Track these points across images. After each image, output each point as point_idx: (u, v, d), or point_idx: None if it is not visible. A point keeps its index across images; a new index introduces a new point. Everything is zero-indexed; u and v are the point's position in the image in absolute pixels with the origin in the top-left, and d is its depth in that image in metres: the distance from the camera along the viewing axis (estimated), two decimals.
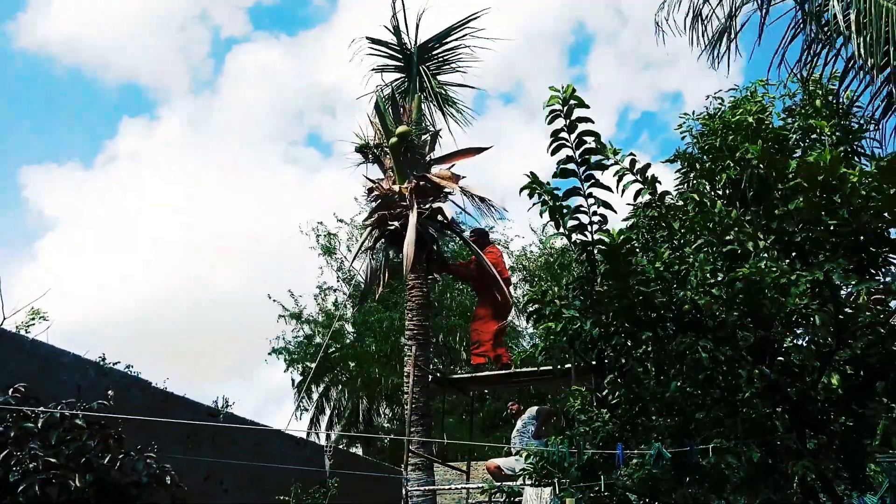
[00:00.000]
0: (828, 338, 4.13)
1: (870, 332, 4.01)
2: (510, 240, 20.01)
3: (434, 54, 10.47)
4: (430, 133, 10.06)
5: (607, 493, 4.48)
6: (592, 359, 5.09)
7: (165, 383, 8.08)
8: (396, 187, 9.35)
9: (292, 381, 19.80)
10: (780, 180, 4.35)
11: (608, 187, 4.30)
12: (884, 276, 4.18)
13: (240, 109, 40.20)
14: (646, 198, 4.59)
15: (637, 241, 4.84)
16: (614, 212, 4.30)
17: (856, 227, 3.93)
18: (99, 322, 30.29)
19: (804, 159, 4.05)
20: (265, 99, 39.88)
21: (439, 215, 9.28)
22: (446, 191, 9.47)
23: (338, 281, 20.18)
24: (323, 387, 20.05)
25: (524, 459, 5.36)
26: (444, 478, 12.31)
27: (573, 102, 4.11)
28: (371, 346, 18.12)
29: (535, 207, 4.34)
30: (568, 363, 6.12)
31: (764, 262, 3.84)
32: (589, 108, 4.12)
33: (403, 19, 10.12)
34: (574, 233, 4.35)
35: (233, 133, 40.10)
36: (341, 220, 19.97)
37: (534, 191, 4.30)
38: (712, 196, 4.60)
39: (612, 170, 4.42)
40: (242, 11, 44.01)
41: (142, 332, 29.20)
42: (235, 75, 40.64)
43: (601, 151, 4.21)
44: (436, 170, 9.76)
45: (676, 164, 5.34)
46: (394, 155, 9.46)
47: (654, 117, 43.82)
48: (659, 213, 4.66)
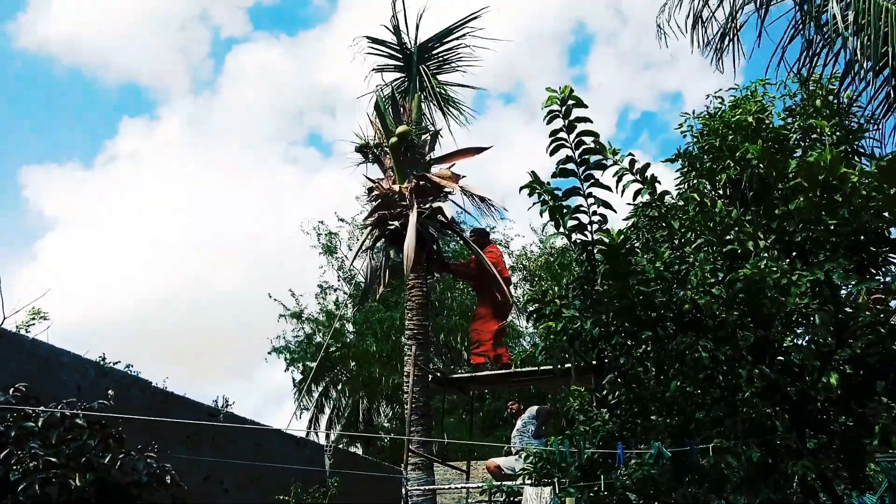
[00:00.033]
0: (828, 337, 4.13)
1: (870, 331, 4.01)
2: (510, 239, 20.02)
3: (434, 54, 10.46)
4: (430, 133, 10.05)
5: (607, 493, 4.48)
6: (592, 358, 5.10)
7: (165, 383, 8.10)
8: (396, 187, 9.35)
9: (293, 381, 19.81)
10: (780, 180, 4.35)
11: (608, 187, 4.29)
12: (884, 275, 4.19)
13: (240, 109, 40.23)
14: (645, 198, 4.58)
15: (637, 240, 4.85)
16: (614, 211, 4.30)
17: (856, 227, 3.93)
18: (99, 322, 30.32)
19: (804, 159, 4.05)
20: (265, 99, 39.92)
21: (439, 215, 9.28)
22: (446, 190, 9.47)
23: (338, 280, 20.19)
24: (323, 386, 20.03)
25: (524, 459, 5.36)
26: (444, 477, 12.30)
27: (571, 103, 4.10)
28: (372, 346, 18.11)
29: (535, 207, 4.34)
30: (568, 363, 6.12)
31: (764, 261, 3.83)
32: (587, 107, 4.11)
33: (403, 19, 10.13)
34: (574, 233, 4.35)
35: (233, 133, 40.14)
36: (342, 220, 19.98)
37: (534, 190, 4.30)
38: (713, 196, 4.60)
39: (612, 170, 4.41)
40: (242, 11, 44.04)
41: (142, 332, 29.22)
42: (235, 75, 40.68)
43: (600, 151, 4.20)
44: (436, 169, 9.76)
45: (677, 163, 5.34)
46: (394, 155, 9.46)
47: (654, 117, 43.85)
48: (659, 213, 4.66)
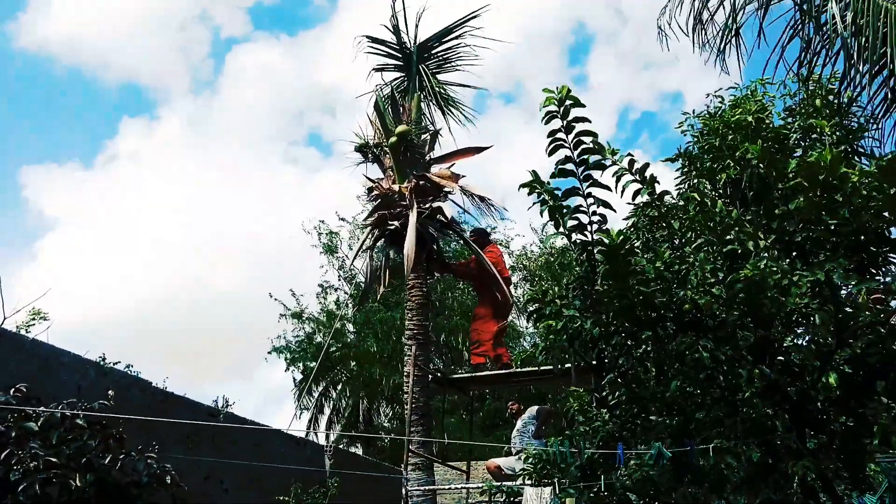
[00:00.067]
0: (828, 337, 4.13)
1: (870, 331, 4.00)
2: (510, 239, 20.02)
3: (434, 53, 10.46)
4: (429, 132, 10.05)
5: (607, 493, 4.48)
6: (592, 358, 5.10)
7: (165, 383, 8.09)
8: (396, 187, 9.35)
9: (293, 380, 19.79)
10: (780, 180, 4.35)
11: (607, 186, 4.28)
12: (884, 275, 4.18)
13: (240, 109, 40.24)
14: (644, 198, 4.58)
15: (638, 240, 4.85)
16: (614, 211, 4.29)
17: (856, 227, 3.93)
18: (99, 322, 30.33)
19: (804, 159, 4.04)
20: (265, 99, 39.93)
21: (439, 215, 9.28)
22: (446, 190, 9.47)
23: (339, 280, 20.17)
24: (323, 386, 20.01)
25: (524, 460, 5.36)
26: (444, 478, 12.30)
27: (569, 103, 4.09)
28: (372, 346, 18.10)
29: (535, 207, 4.33)
30: (568, 363, 6.12)
31: (764, 261, 3.83)
32: (585, 107, 4.10)
33: (403, 19, 10.13)
34: (574, 233, 4.35)
35: (233, 133, 40.15)
36: (343, 219, 19.96)
37: (533, 189, 4.29)
38: (713, 195, 4.60)
39: (612, 170, 4.40)
40: (242, 11, 44.06)
41: (142, 332, 29.23)
42: (235, 75, 40.69)
43: (599, 151, 4.19)
44: (435, 169, 9.76)
45: (677, 163, 5.34)
46: (393, 154, 9.45)
47: (654, 117, 43.86)
48: (659, 213, 4.65)
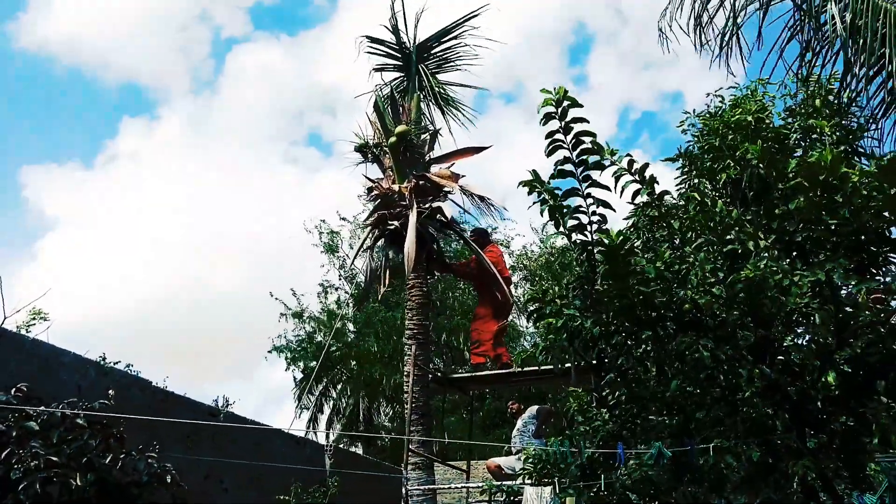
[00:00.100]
0: (828, 337, 4.13)
1: (870, 331, 4.01)
2: (511, 239, 20.03)
3: (433, 53, 10.46)
4: (429, 132, 10.05)
5: (607, 493, 4.48)
6: (592, 358, 5.10)
7: (165, 383, 8.10)
8: (396, 187, 9.35)
9: (294, 379, 19.78)
10: (780, 180, 4.35)
11: (606, 187, 4.27)
12: (884, 275, 4.18)
13: (240, 109, 40.24)
14: (644, 198, 4.58)
15: (638, 240, 4.85)
16: (613, 210, 4.29)
17: (856, 227, 3.93)
18: (99, 322, 30.34)
19: (804, 159, 4.04)
20: (265, 99, 39.93)
21: (439, 215, 9.28)
22: (446, 190, 9.47)
23: (340, 279, 20.17)
24: (322, 386, 20.01)
25: (524, 459, 5.36)
26: (445, 477, 12.30)
27: (567, 104, 4.09)
28: (373, 346, 18.09)
29: (535, 206, 4.33)
30: (568, 363, 6.12)
31: (765, 261, 3.83)
32: (582, 107, 4.09)
33: (402, 19, 10.13)
34: (574, 232, 4.35)
35: (233, 133, 40.15)
36: (344, 219, 19.96)
37: (533, 188, 4.29)
38: (713, 195, 4.60)
39: (611, 170, 4.40)
40: (243, 11, 44.06)
41: (142, 332, 29.24)
42: (236, 75, 40.70)
43: (598, 152, 4.18)
44: (435, 169, 9.76)
45: (677, 162, 5.34)
46: (393, 154, 9.45)
47: (654, 117, 43.87)
48: (659, 213, 4.65)
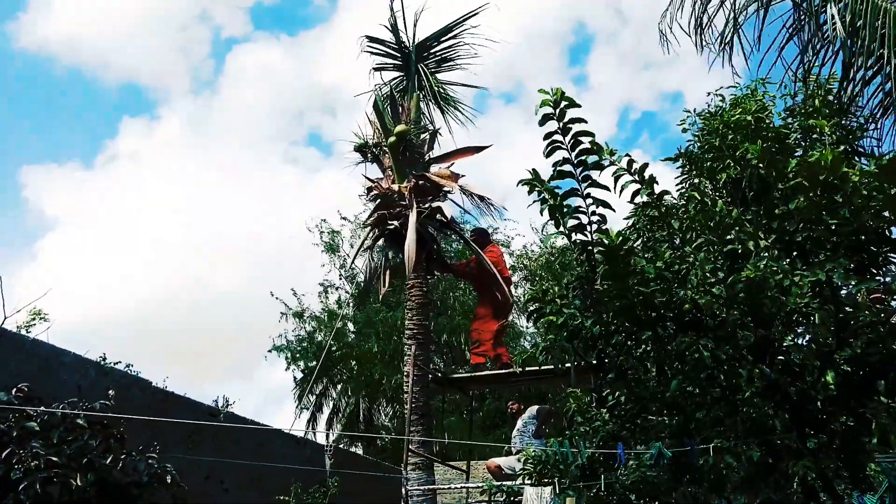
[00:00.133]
0: (828, 337, 4.13)
1: (870, 331, 4.01)
2: (511, 239, 20.01)
3: (433, 52, 10.45)
4: (428, 132, 10.04)
5: (607, 493, 4.48)
6: (592, 358, 5.10)
7: (165, 383, 8.09)
8: (396, 186, 9.34)
9: (294, 379, 19.76)
10: (780, 180, 4.35)
11: (606, 187, 4.27)
12: (884, 275, 4.18)
13: (240, 109, 40.24)
14: (644, 198, 4.58)
15: (638, 240, 4.84)
16: (613, 210, 4.28)
17: (856, 227, 3.93)
18: (99, 322, 30.34)
19: (804, 159, 4.04)
20: (265, 99, 39.93)
21: (439, 214, 9.28)
22: (446, 190, 9.46)
23: (340, 279, 20.15)
24: (322, 386, 20.00)
25: (524, 460, 5.36)
26: (445, 477, 12.30)
27: (565, 104, 4.08)
28: (373, 346, 18.08)
29: (535, 206, 4.32)
30: (568, 362, 6.12)
31: (765, 261, 3.83)
32: (580, 107, 4.08)
33: (402, 18, 10.13)
34: (574, 232, 4.35)
35: (233, 133, 40.15)
36: (345, 218, 19.95)
37: (533, 187, 4.29)
38: (713, 195, 4.60)
39: (611, 169, 4.40)
40: (243, 11, 44.04)
41: (142, 332, 29.24)
42: (236, 75, 40.70)
43: (597, 152, 4.18)
44: (435, 169, 9.75)
45: (677, 162, 5.33)
46: (392, 154, 9.45)
47: (654, 117, 43.87)
48: (659, 213, 4.65)
